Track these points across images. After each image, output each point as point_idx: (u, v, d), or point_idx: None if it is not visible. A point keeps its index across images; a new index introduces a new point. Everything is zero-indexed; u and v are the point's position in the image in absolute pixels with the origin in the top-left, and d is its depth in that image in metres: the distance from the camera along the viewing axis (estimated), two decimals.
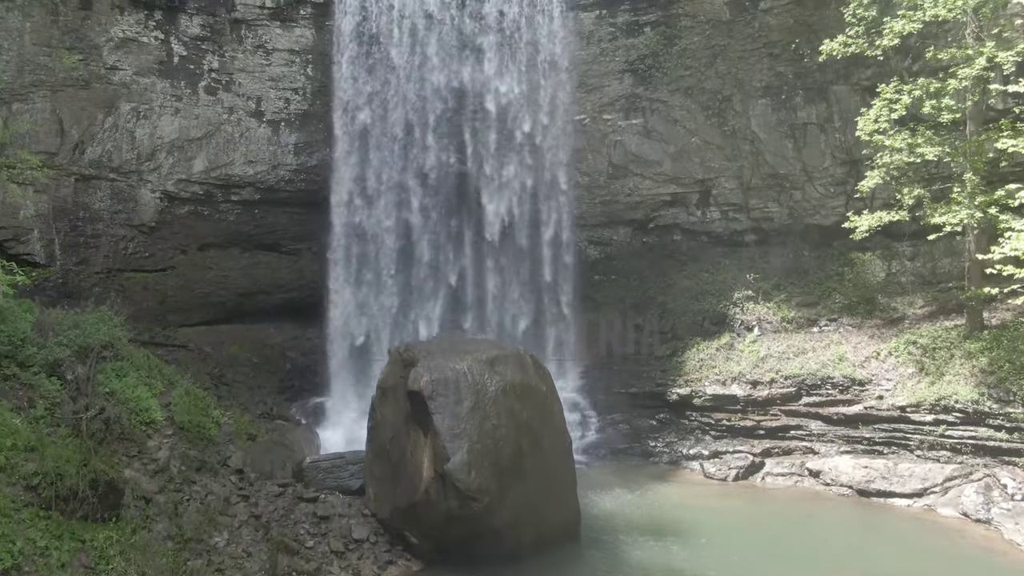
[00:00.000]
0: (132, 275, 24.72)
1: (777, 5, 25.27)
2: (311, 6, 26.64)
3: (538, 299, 28.16)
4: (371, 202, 27.17)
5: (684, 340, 26.07)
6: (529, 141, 27.54)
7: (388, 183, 27.19)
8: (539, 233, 27.96)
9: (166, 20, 24.34)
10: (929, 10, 18.60)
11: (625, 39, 27.40)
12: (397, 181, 27.23)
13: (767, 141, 26.61)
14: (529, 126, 27.33)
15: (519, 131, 27.38)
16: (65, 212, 23.01)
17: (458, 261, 28.15)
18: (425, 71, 26.82)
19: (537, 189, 27.35)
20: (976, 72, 17.88)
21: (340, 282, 26.97)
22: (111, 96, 23.61)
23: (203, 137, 25.47)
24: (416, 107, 26.97)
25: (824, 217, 26.51)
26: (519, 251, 27.88)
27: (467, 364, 15.84)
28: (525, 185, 27.70)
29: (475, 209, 28.00)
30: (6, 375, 16.12)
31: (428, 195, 27.52)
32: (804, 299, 25.89)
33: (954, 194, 18.84)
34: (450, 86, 26.74)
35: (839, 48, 20.75)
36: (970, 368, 19.83)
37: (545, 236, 28.06)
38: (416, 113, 26.94)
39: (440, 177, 27.58)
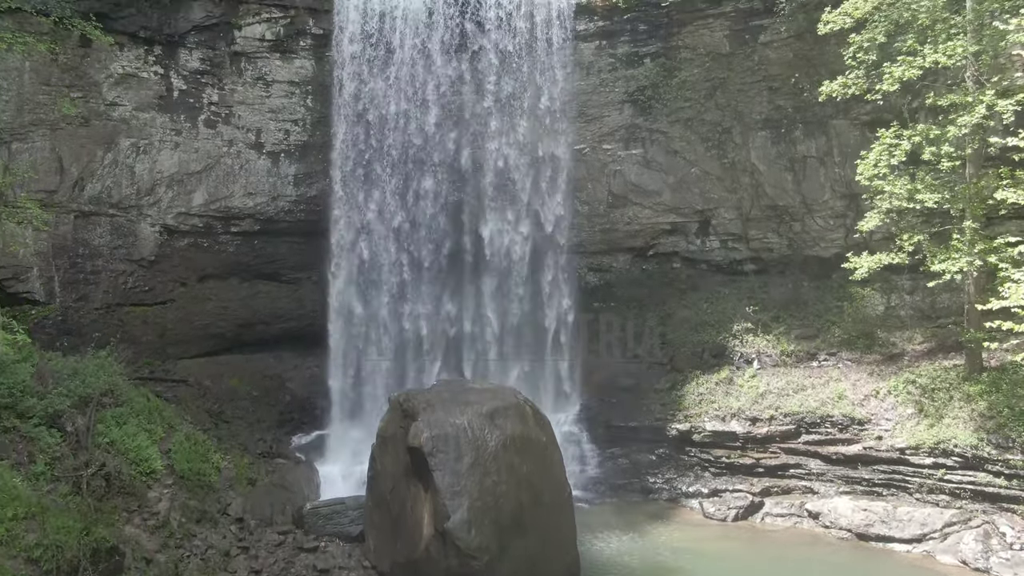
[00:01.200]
0: (131, 309, 24.73)
1: (777, 39, 25.27)
2: (311, 37, 26.60)
3: (537, 328, 28.11)
4: (371, 232, 27.20)
5: (684, 373, 26.07)
6: (529, 170, 27.56)
7: (388, 212, 27.23)
8: (540, 263, 27.91)
9: (166, 55, 24.31)
10: (929, 56, 18.63)
11: (625, 70, 27.37)
12: (397, 209, 27.25)
13: (767, 173, 26.63)
14: (529, 157, 27.33)
15: (518, 162, 27.40)
16: (65, 249, 22.99)
17: (458, 289, 28.16)
18: (425, 103, 26.80)
19: (538, 222, 27.29)
20: (976, 120, 17.88)
21: (340, 312, 27.02)
22: (111, 132, 23.59)
23: (203, 170, 25.47)
24: (416, 136, 26.99)
25: (824, 249, 26.55)
26: (518, 281, 27.86)
27: (467, 418, 15.86)
28: (523, 217, 27.74)
29: (474, 238, 27.97)
30: (6, 427, 16.10)
31: (428, 220, 27.51)
32: (803, 331, 25.93)
33: (954, 240, 18.86)
34: (450, 119, 26.73)
35: (839, 90, 20.75)
36: (969, 412, 19.88)
37: (545, 266, 28.02)
38: (416, 145, 26.94)
39: (441, 204, 27.62)
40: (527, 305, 27.87)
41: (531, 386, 27.31)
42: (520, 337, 27.25)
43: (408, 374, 27.18)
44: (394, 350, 27.24)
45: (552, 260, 27.95)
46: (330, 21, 26.47)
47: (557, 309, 27.82)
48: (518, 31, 26.91)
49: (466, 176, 27.65)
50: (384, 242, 27.20)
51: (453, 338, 27.96)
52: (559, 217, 27.82)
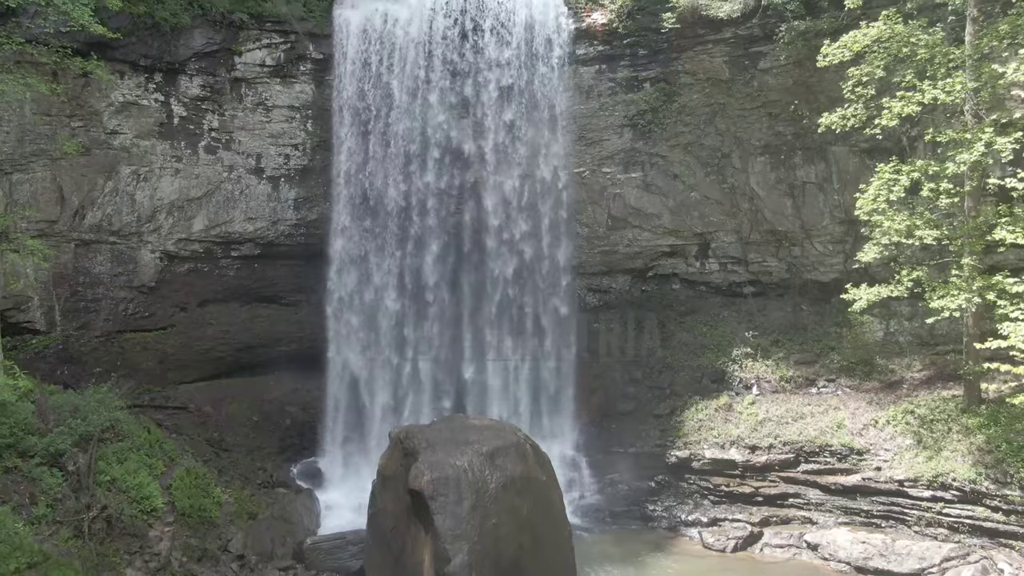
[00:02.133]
0: (132, 336, 24.77)
1: (776, 65, 25.30)
2: (311, 62, 26.67)
3: (537, 351, 28.16)
4: (370, 255, 27.28)
5: (683, 398, 26.12)
6: (529, 196, 27.61)
7: (387, 234, 27.31)
8: (540, 290, 27.95)
9: (166, 82, 24.35)
10: (928, 93, 18.68)
11: (625, 94, 27.42)
12: (398, 233, 27.31)
13: (766, 198, 26.68)
14: (528, 185, 27.39)
15: (518, 188, 27.45)
16: (65, 278, 23.03)
17: (458, 313, 28.20)
18: (425, 129, 26.85)
19: (538, 251, 27.35)
20: (975, 158, 17.94)
21: (339, 336, 27.11)
22: (111, 161, 23.63)
23: (203, 196, 25.52)
24: (416, 162, 27.05)
25: (822, 274, 26.63)
26: (519, 306, 27.90)
27: (467, 459, 15.91)
28: (525, 242, 27.80)
29: (476, 262, 28.01)
30: (7, 468, 16.19)
31: (428, 246, 27.57)
32: (802, 357, 26.01)
33: (953, 277, 18.91)
34: (449, 146, 26.78)
35: (838, 122, 20.80)
36: (967, 445, 19.94)
37: (545, 291, 28.07)
38: (416, 170, 27.01)
39: (441, 229, 27.66)
40: (526, 327, 27.97)
41: (529, 407, 27.58)
42: (520, 368, 27.28)
43: (408, 399, 27.29)
44: (394, 374, 27.33)
45: (551, 281, 28.03)
46: (330, 46, 26.60)
47: (555, 334, 27.92)
48: (517, 54, 26.96)
49: (465, 199, 27.75)
50: (385, 264, 27.32)
51: (453, 358, 28.03)
52: (559, 242, 27.94)
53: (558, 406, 27.42)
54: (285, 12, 25.17)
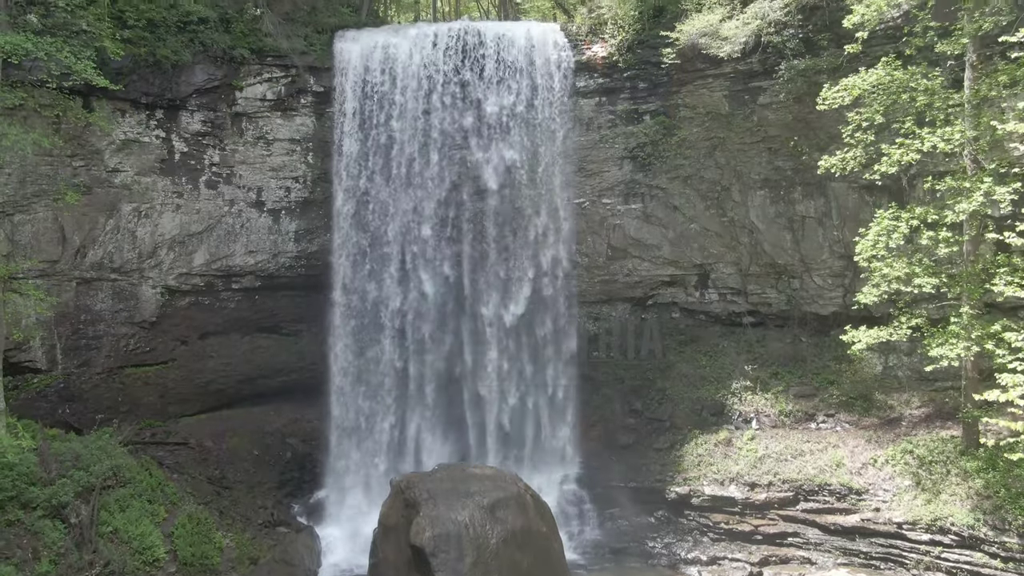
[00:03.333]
0: (133, 371, 24.82)
1: (776, 101, 25.33)
2: (312, 95, 26.72)
3: (538, 381, 28.23)
4: (370, 286, 27.35)
5: (682, 431, 26.19)
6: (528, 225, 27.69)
7: (388, 265, 27.40)
8: (541, 318, 28.00)
9: (167, 118, 24.39)
10: (927, 141, 18.75)
11: (624, 126, 27.49)
12: (399, 262, 27.39)
13: (765, 231, 26.76)
14: (528, 214, 27.46)
15: (518, 217, 27.54)
16: (67, 316, 23.07)
17: (458, 341, 28.27)
18: (425, 160, 26.91)
19: (538, 282, 27.43)
20: (974, 207, 18.01)
21: (340, 366, 27.20)
22: (113, 199, 23.67)
23: (204, 231, 25.57)
24: (417, 192, 27.13)
25: (822, 307, 26.72)
26: (520, 336, 27.96)
27: (468, 514, 16.00)
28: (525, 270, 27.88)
29: (474, 294, 28.08)
30: (10, 521, 16.28)
31: (428, 274, 27.65)
32: (801, 390, 26.10)
33: (952, 324, 18.99)
34: (449, 177, 26.85)
35: (838, 165, 20.89)
36: (966, 489, 20.03)
37: (546, 321, 28.12)
38: (416, 199, 27.08)
39: (441, 256, 27.75)
40: (526, 356, 28.07)
41: (531, 439, 27.67)
42: (522, 398, 27.37)
43: (408, 430, 27.37)
44: (394, 405, 27.41)
45: (552, 315, 28.12)
46: (331, 79, 26.65)
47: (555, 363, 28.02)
48: (517, 86, 27.02)
49: (465, 228, 27.82)
50: (386, 295, 27.39)
51: (454, 385, 28.11)
52: (559, 275, 28.02)
53: (559, 438, 27.49)
54: (286, 47, 25.19)
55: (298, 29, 26.37)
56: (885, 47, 22.56)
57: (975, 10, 18.84)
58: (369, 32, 27.63)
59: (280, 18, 25.35)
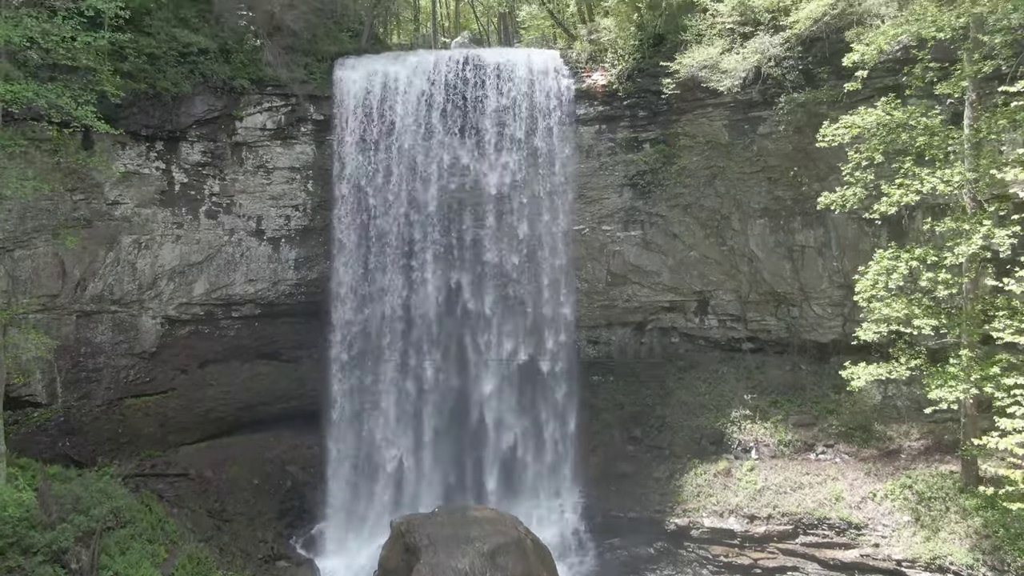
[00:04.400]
0: (133, 402, 24.81)
1: (775, 131, 25.33)
2: (312, 123, 26.71)
3: (537, 407, 28.26)
4: (370, 313, 27.39)
5: (682, 460, 26.23)
6: (529, 253, 27.73)
7: (388, 292, 27.43)
8: (541, 344, 28.03)
9: (167, 150, 24.39)
10: (927, 182, 18.77)
11: (624, 154, 27.48)
12: (399, 288, 27.41)
13: (765, 260, 26.78)
14: (528, 241, 27.49)
15: (518, 244, 27.56)
16: (67, 350, 23.06)
17: (459, 368, 28.31)
18: (425, 187, 26.94)
19: (538, 308, 27.46)
20: (973, 250, 18.04)
21: (340, 393, 27.24)
22: (113, 231, 23.67)
23: (204, 260, 25.55)
24: (417, 218, 27.15)
25: (821, 335, 26.77)
26: (520, 362, 27.99)
27: (469, 562, 16.03)
28: (525, 297, 27.90)
29: (475, 320, 28.12)
30: (10, 567, 16.26)
31: (428, 300, 27.68)
32: (801, 419, 26.13)
33: (951, 367, 19.01)
34: (449, 203, 26.88)
35: (837, 202, 20.87)
36: (965, 528, 20.09)
37: (546, 346, 28.15)
38: (417, 224, 27.11)
39: (441, 282, 27.78)
40: (526, 383, 28.11)
41: (531, 466, 27.70)
42: (522, 426, 27.41)
43: (407, 458, 27.40)
44: (395, 431, 27.45)
45: (552, 340, 28.16)
46: (331, 107, 26.66)
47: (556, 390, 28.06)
48: (517, 113, 27.02)
49: (465, 257, 27.85)
50: (385, 321, 27.43)
51: (454, 412, 28.16)
52: (559, 298, 28.05)
53: (559, 465, 27.51)
54: (287, 78, 25.19)
55: (298, 58, 26.35)
56: (885, 79, 22.66)
57: (975, 50, 18.88)
58: (369, 59, 27.65)
59: (280, 49, 25.30)
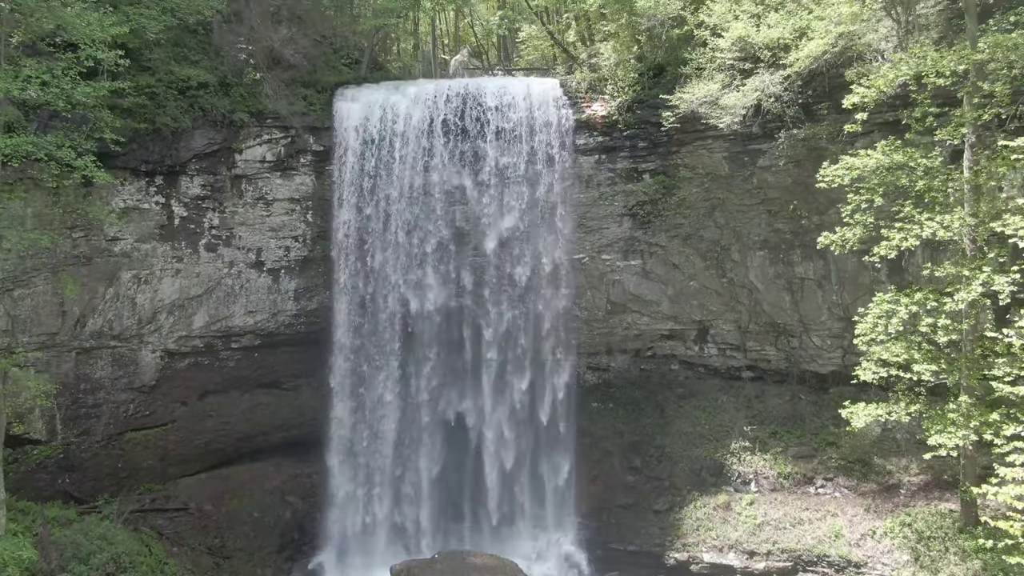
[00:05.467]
0: (132, 435, 24.81)
1: (775, 164, 25.31)
2: (312, 154, 26.69)
3: (538, 436, 28.28)
4: (370, 342, 27.41)
5: (682, 492, 26.24)
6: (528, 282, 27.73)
7: (388, 321, 27.45)
8: (541, 377, 28.03)
9: (167, 184, 24.37)
10: (927, 227, 18.76)
11: (624, 184, 27.47)
12: (399, 317, 27.43)
13: (765, 292, 26.79)
14: (528, 271, 27.50)
15: (517, 274, 27.58)
16: (66, 387, 23.05)
17: (458, 398, 28.34)
18: (425, 218, 26.94)
19: (538, 337, 27.48)
20: (972, 296, 18.04)
21: (340, 422, 27.27)
22: (112, 268, 23.66)
23: (203, 293, 25.54)
24: (416, 249, 27.18)
25: (821, 366, 26.81)
26: (520, 392, 27.99)
27: None
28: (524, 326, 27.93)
29: (475, 349, 28.12)
30: None
31: (428, 328, 27.71)
32: (800, 451, 26.16)
33: (950, 412, 19.01)
34: (449, 233, 26.89)
35: (837, 243, 20.83)
36: (964, 570, 20.14)
37: (546, 374, 28.17)
38: (416, 257, 27.13)
39: (441, 311, 27.80)
40: (527, 412, 28.13)
41: (530, 497, 27.75)
42: (522, 456, 27.45)
43: (406, 488, 27.43)
44: (394, 461, 27.47)
45: (552, 367, 28.20)
46: (331, 138, 26.66)
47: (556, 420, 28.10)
48: (517, 143, 27.01)
49: (465, 285, 27.86)
50: (385, 351, 27.45)
51: (453, 443, 28.21)
52: (559, 327, 28.09)
53: (559, 495, 27.52)
54: (286, 112, 25.16)
55: (297, 89, 26.33)
56: (885, 114, 22.63)
57: (975, 94, 18.87)
58: (369, 90, 27.62)
59: (280, 82, 25.28)
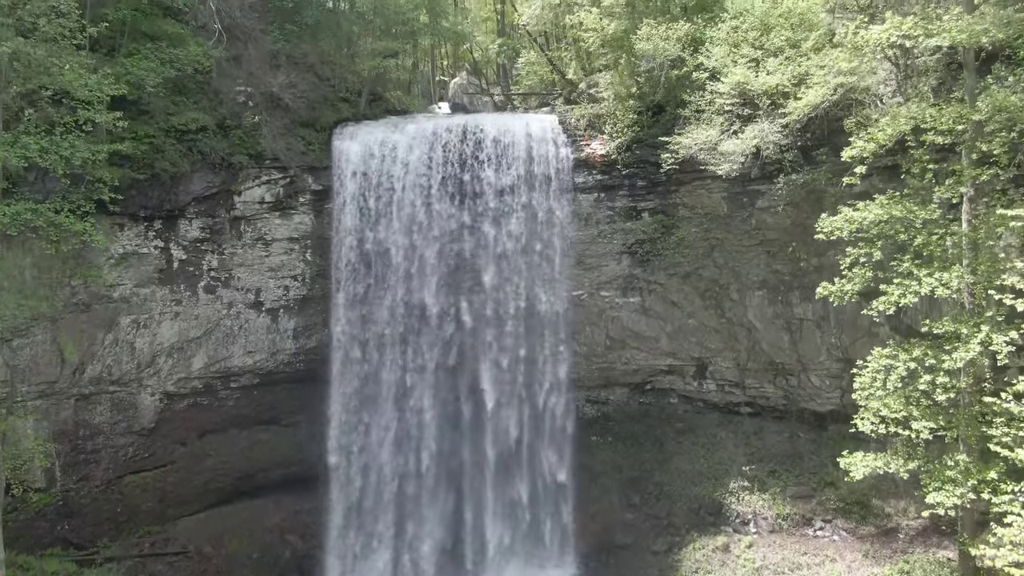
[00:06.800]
0: (132, 478, 24.83)
1: (774, 206, 25.30)
2: (310, 193, 26.69)
3: (537, 474, 28.30)
4: (369, 381, 27.43)
5: (680, 532, 26.28)
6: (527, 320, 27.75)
7: (388, 359, 27.48)
8: (539, 410, 28.06)
9: (166, 228, 24.36)
10: (925, 285, 18.74)
11: (623, 223, 27.48)
12: (398, 355, 27.44)
13: (763, 331, 26.81)
14: (527, 308, 27.51)
15: (516, 311, 27.59)
16: (65, 433, 23.09)
17: (457, 435, 28.37)
18: (424, 254, 26.95)
19: (535, 368, 27.50)
20: (971, 356, 18.03)
21: (339, 463, 27.30)
22: (111, 313, 23.67)
23: (202, 335, 25.55)
24: (415, 286, 27.18)
25: (820, 405, 26.86)
26: (518, 427, 28.02)
27: None
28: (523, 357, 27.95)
29: (473, 384, 28.13)
30: None
31: (428, 365, 27.72)
32: (799, 490, 26.20)
33: (949, 470, 19.01)
34: (448, 271, 26.89)
35: (836, 295, 20.74)
36: None
37: (545, 411, 28.19)
38: (415, 294, 27.13)
39: (440, 349, 27.79)
40: (525, 448, 28.15)
41: (527, 533, 27.77)
42: (520, 494, 27.46)
43: (406, 525, 27.45)
44: (393, 499, 27.49)
45: (551, 405, 28.22)
46: (329, 177, 26.64)
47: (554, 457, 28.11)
48: (516, 181, 27.01)
49: (464, 323, 27.86)
50: (384, 388, 27.47)
51: (452, 478, 28.22)
52: (557, 362, 28.10)
53: (559, 535, 27.53)
54: (285, 157, 25.14)
55: (296, 130, 26.30)
56: (884, 159, 22.58)
57: (972, 151, 18.85)
58: (367, 128, 27.60)
59: (279, 125, 25.25)
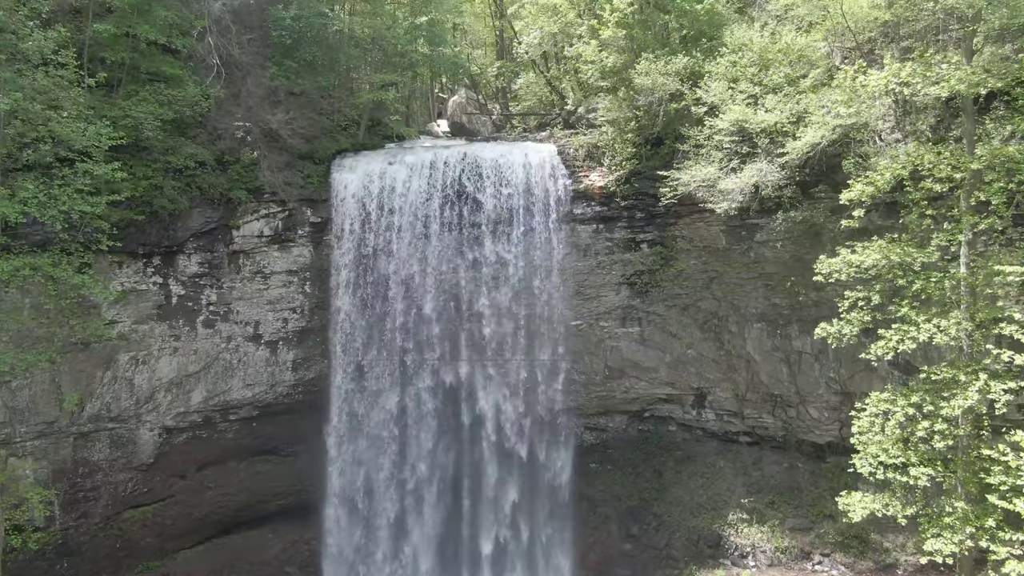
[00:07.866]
0: (131, 513, 24.82)
1: (772, 238, 25.32)
2: (309, 226, 26.66)
3: (534, 501, 28.33)
4: (369, 410, 27.45)
5: (679, 564, 26.34)
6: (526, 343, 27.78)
7: (387, 389, 27.49)
8: (538, 438, 28.09)
9: (164, 264, 24.34)
10: (924, 332, 18.76)
11: (622, 254, 27.47)
12: (397, 384, 27.48)
13: (762, 363, 26.83)
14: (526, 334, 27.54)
15: (516, 341, 27.60)
16: (64, 472, 23.07)
17: (456, 462, 28.40)
18: (423, 286, 26.96)
19: (535, 403, 27.53)
20: (969, 403, 18.06)
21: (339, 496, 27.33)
22: (110, 351, 23.64)
23: (201, 370, 25.54)
24: (415, 317, 27.20)
25: (818, 436, 26.91)
26: (518, 455, 28.06)
27: None
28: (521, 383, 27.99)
29: (471, 414, 28.17)
30: None
31: (426, 394, 27.76)
32: (797, 523, 26.24)
33: (947, 516, 19.03)
34: (448, 302, 26.91)
35: (834, 336, 20.76)
36: None
37: (543, 440, 28.22)
38: (414, 325, 27.15)
39: (438, 377, 27.84)
40: (524, 477, 28.19)
41: (528, 566, 27.80)
42: (518, 523, 27.50)
43: (405, 552, 27.48)
44: (392, 526, 27.53)
45: (548, 432, 28.26)
46: (328, 209, 26.62)
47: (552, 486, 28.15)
48: (515, 212, 27.02)
49: (463, 353, 27.87)
50: (383, 418, 27.51)
51: (451, 507, 28.26)
52: (556, 389, 28.13)
53: (557, 563, 27.58)
54: (284, 193, 25.12)
55: (295, 163, 26.28)
56: (884, 196, 22.59)
57: (970, 196, 18.87)
58: (366, 158, 27.59)
59: (278, 160, 25.23)
